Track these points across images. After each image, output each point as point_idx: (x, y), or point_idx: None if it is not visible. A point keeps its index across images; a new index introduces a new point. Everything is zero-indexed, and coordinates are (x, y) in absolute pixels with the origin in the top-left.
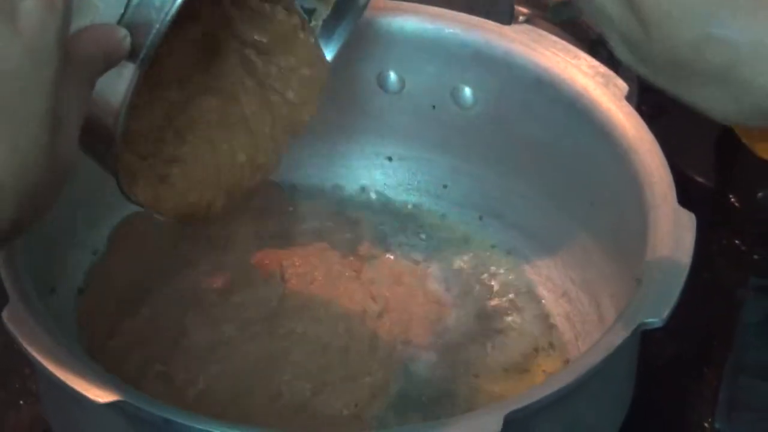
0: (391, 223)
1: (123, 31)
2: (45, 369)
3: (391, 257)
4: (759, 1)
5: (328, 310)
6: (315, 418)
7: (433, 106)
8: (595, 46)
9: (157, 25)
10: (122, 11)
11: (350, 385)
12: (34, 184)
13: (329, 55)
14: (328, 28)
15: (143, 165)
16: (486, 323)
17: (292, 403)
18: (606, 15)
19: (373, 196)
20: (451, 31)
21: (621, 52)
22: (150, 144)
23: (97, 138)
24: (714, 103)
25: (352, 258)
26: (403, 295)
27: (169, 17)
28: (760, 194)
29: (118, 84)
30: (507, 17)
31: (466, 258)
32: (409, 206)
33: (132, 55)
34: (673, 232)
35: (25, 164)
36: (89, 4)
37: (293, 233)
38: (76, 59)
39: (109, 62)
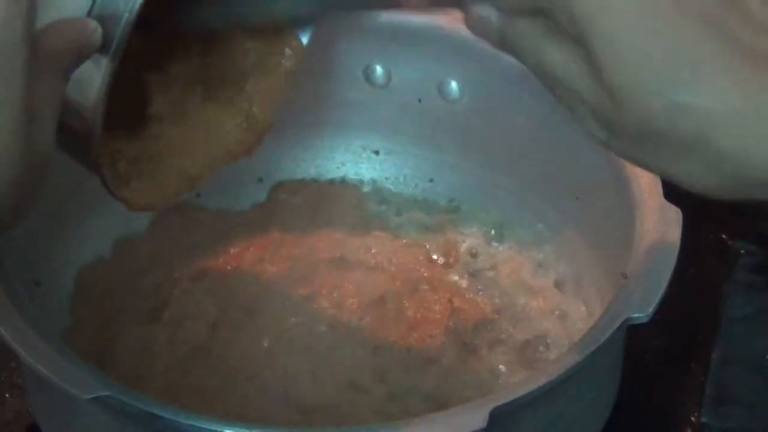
0: (375, 217)
1: (93, 23)
2: (30, 363)
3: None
4: (726, 62)
5: (319, 299)
6: (305, 410)
7: (420, 100)
8: None
9: (126, 14)
10: (91, 3)
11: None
12: (10, 182)
13: (304, 39)
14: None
15: (129, 165)
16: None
17: (280, 395)
18: (572, 88)
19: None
20: (438, 24)
21: (592, 128)
22: (137, 144)
23: (77, 133)
24: (693, 176)
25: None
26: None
27: (137, 6)
28: None
29: (93, 77)
30: None
31: (451, 251)
32: (395, 200)
33: (104, 47)
34: (659, 227)
35: (0, 161)
36: None
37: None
38: (47, 53)
39: (81, 55)
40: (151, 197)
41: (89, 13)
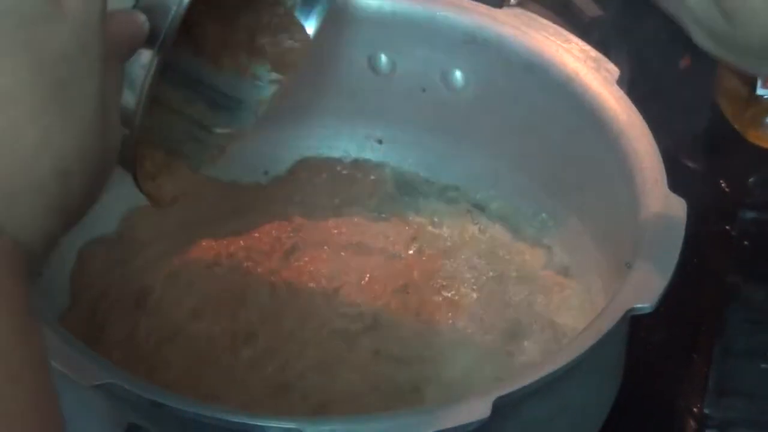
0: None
1: (142, 16)
2: None
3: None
4: None
5: (322, 286)
6: (306, 400)
7: (424, 89)
8: (587, 30)
9: (174, 8)
10: None
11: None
12: (93, 168)
13: (310, 31)
14: (307, 4)
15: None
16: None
17: (283, 386)
18: (689, 10)
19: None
20: (443, 14)
21: (703, 42)
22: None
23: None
24: None
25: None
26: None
27: (186, 1)
28: (751, 180)
29: (136, 71)
30: (498, 0)
31: (453, 241)
32: (399, 189)
33: (149, 40)
34: (663, 218)
35: (85, 148)
36: None
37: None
38: (109, 44)
39: (132, 48)
40: (174, 190)
41: (135, 6)
